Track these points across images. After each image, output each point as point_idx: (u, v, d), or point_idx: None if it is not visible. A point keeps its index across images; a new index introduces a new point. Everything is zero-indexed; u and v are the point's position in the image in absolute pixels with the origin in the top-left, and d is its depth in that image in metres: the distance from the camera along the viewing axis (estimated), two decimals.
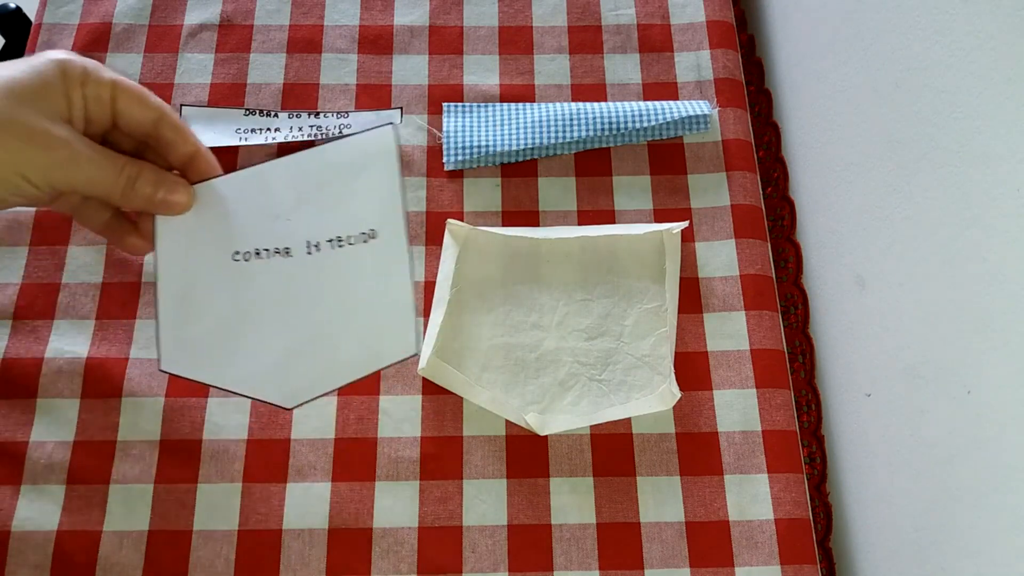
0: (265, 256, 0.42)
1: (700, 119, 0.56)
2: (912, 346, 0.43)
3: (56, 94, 0.35)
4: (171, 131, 0.38)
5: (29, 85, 0.34)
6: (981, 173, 0.37)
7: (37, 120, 0.34)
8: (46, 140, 0.34)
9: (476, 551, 0.46)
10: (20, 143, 0.34)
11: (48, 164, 0.35)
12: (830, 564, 0.50)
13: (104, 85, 0.36)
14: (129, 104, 0.37)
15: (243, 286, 0.42)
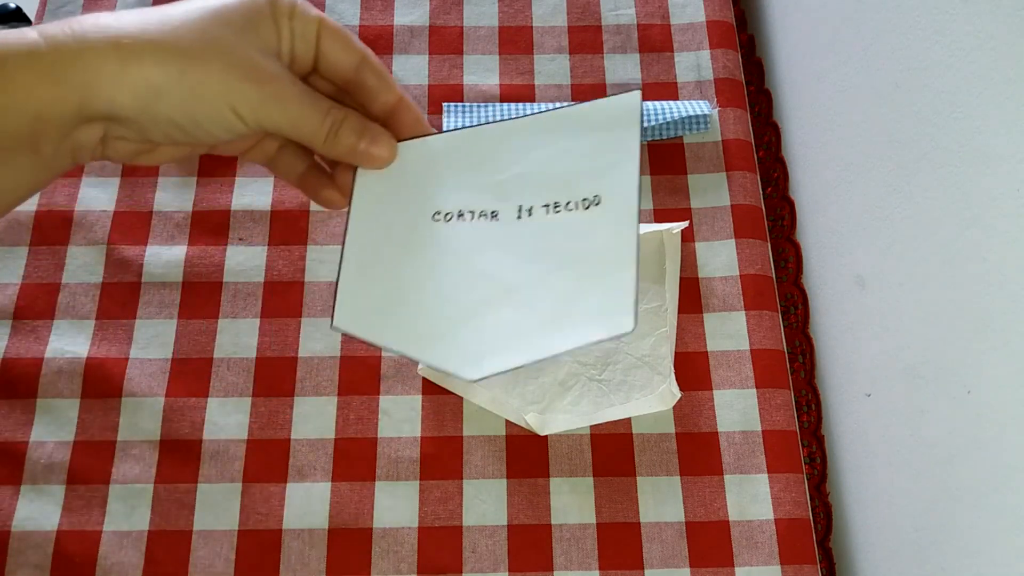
0: (469, 218, 0.39)
1: (700, 119, 0.56)
2: (912, 346, 0.43)
3: (267, 25, 0.33)
4: (374, 77, 0.35)
5: (240, 13, 0.32)
6: (981, 173, 0.37)
7: (249, 51, 0.32)
8: (258, 73, 0.32)
9: (476, 551, 0.46)
10: (233, 74, 0.31)
11: (259, 98, 0.32)
12: (830, 564, 0.50)
13: (311, 22, 0.34)
14: (333, 44, 0.34)
15: (440, 247, 0.39)
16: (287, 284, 0.52)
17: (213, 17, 0.32)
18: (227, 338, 0.51)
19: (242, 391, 0.49)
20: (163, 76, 0.30)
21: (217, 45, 0.31)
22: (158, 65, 0.30)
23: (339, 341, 0.50)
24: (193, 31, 0.31)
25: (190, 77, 0.31)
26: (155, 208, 0.54)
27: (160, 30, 0.31)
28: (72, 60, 0.29)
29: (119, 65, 0.30)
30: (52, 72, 0.29)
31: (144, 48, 0.30)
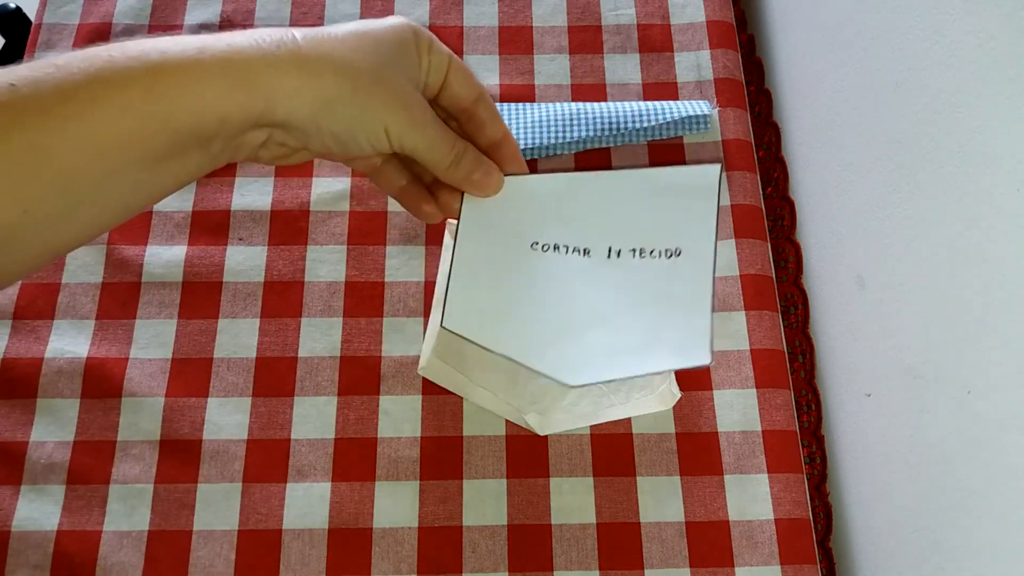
0: (564, 251, 0.45)
1: (700, 119, 0.56)
2: (912, 346, 0.43)
3: (412, 56, 0.36)
4: (487, 112, 0.39)
5: (393, 41, 0.35)
6: (981, 173, 0.37)
7: (403, 78, 0.35)
8: (410, 100, 0.36)
9: (476, 551, 0.46)
10: (393, 97, 0.35)
11: (407, 123, 0.36)
12: (830, 564, 0.50)
13: (443, 56, 0.37)
14: (458, 79, 0.38)
15: (538, 271, 0.45)
16: (287, 284, 0.52)
17: (374, 42, 0.35)
18: (227, 338, 0.51)
19: (242, 391, 0.49)
20: (337, 92, 0.34)
21: (381, 70, 0.34)
22: (335, 82, 0.33)
23: (339, 341, 0.51)
24: (362, 53, 0.34)
25: (360, 97, 0.34)
26: (155, 208, 0.54)
27: (335, 48, 0.34)
28: (260, 70, 0.32)
29: (300, 79, 0.33)
30: (243, 80, 0.32)
31: (324, 66, 0.33)
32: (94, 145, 0.30)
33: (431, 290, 0.52)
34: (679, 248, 0.46)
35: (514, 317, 0.44)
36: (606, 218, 0.46)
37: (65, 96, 0.29)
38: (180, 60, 0.31)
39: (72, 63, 0.30)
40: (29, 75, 0.29)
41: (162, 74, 0.31)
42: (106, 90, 0.30)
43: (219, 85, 0.31)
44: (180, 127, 0.32)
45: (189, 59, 0.31)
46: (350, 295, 0.52)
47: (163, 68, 0.31)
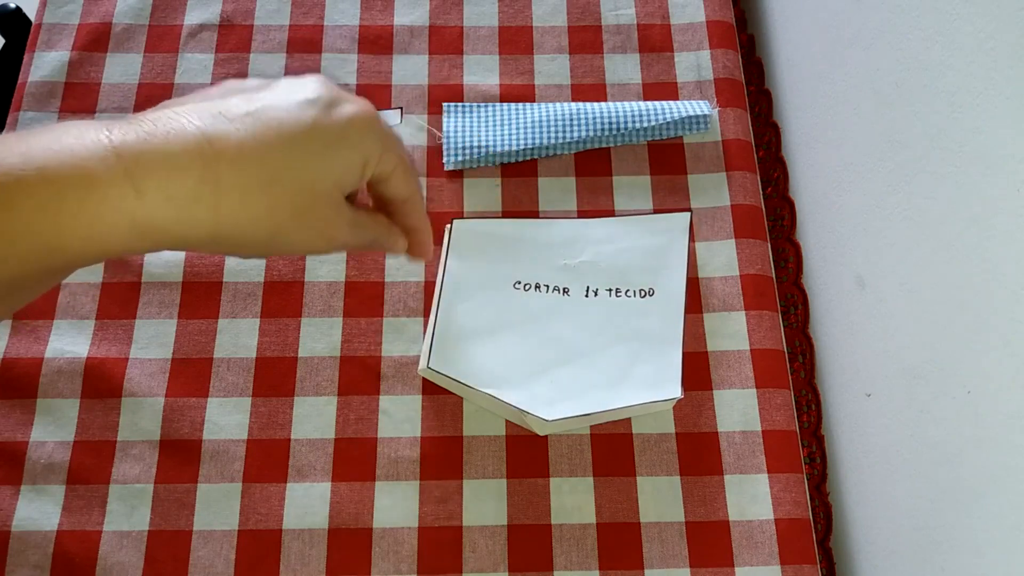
0: (544, 290, 0.50)
1: (700, 119, 0.56)
2: (912, 346, 0.43)
3: (353, 178, 0.34)
4: (412, 208, 0.38)
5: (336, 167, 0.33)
6: (981, 173, 0.37)
7: (330, 214, 0.34)
8: (332, 235, 0.34)
9: (476, 551, 0.46)
10: (311, 238, 0.33)
11: (324, 249, 0.35)
12: (830, 564, 0.50)
13: (391, 163, 0.35)
14: (398, 182, 0.37)
15: (520, 310, 0.49)
16: (287, 284, 0.52)
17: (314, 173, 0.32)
18: (227, 338, 0.51)
19: (242, 391, 0.49)
20: (253, 240, 0.32)
21: (306, 212, 0.32)
22: (251, 232, 0.31)
23: (339, 341, 0.50)
24: (290, 192, 0.32)
25: (277, 242, 0.32)
26: None
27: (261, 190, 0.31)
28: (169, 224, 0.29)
29: (215, 231, 0.30)
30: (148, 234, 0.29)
31: (243, 215, 0.30)
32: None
33: (431, 290, 0.52)
34: (652, 288, 0.50)
35: (495, 354, 0.48)
36: (584, 260, 0.51)
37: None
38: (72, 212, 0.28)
39: None
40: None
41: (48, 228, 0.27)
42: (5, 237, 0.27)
43: (120, 239, 0.29)
44: (80, 263, 0.30)
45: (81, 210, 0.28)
46: (350, 295, 0.52)
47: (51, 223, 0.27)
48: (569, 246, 0.51)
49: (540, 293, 0.50)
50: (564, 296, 0.50)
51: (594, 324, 0.49)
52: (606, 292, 0.50)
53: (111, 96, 0.58)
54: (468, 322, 0.49)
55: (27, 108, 0.57)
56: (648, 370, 0.48)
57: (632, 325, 0.49)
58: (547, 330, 0.49)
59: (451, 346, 0.48)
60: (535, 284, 0.50)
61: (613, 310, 0.50)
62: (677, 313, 0.49)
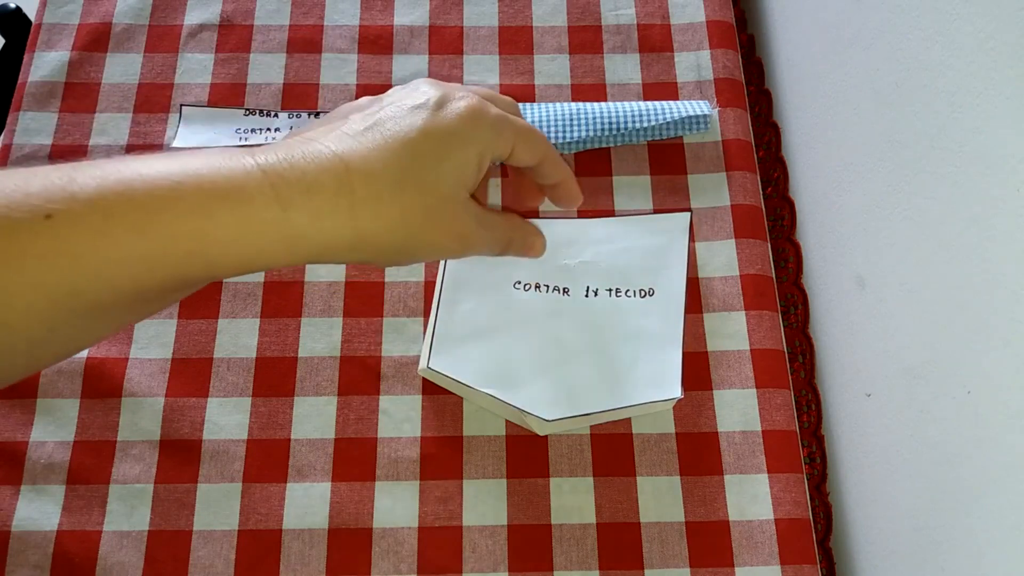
0: (544, 291, 0.50)
1: (700, 119, 0.56)
2: (912, 346, 0.43)
3: (472, 171, 0.36)
4: (550, 166, 0.40)
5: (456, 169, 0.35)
6: (981, 173, 0.37)
7: (459, 214, 0.35)
8: (465, 236, 0.36)
9: (476, 551, 0.46)
10: (443, 240, 0.35)
11: (460, 252, 0.37)
12: (830, 564, 0.50)
13: (508, 143, 0.37)
14: (524, 151, 0.38)
15: (519, 310, 0.49)
16: (287, 284, 0.52)
17: (435, 176, 0.34)
18: (227, 338, 0.51)
19: (242, 391, 0.49)
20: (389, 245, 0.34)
21: (436, 213, 0.34)
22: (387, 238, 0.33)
23: (339, 341, 0.50)
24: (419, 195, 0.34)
25: (411, 245, 0.35)
26: None
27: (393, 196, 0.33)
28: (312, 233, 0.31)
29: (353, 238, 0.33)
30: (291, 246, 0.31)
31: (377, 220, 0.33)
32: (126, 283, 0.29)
33: (431, 290, 0.52)
34: (652, 288, 0.50)
35: (495, 355, 0.48)
36: (586, 260, 0.51)
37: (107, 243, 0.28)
38: (228, 219, 0.30)
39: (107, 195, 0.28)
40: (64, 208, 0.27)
41: (209, 233, 0.30)
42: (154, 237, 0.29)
43: (270, 250, 0.31)
44: (224, 271, 0.31)
45: (237, 217, 0.30)
46: (350, 295, 0.52)
47: (210, 229, 0.30)
48: (569, 246, 0.51)
49: (540, 293, 0.50)
50: (564, 296, 0.50)
51: (594, 324, 0.49)
52: (606, 292, 0.50)
53: (111, 96, 0.58)
54: (468, 322, 0.49)
55: (27, 108, 0.57)
56: (648, 370, 0.48)
57: (632, 325, 0.49)
58: (547, 330, 0.49)
59: (451, 346, 0.48)
60: (535, 284, 0.50)
61: (613, 310, 0.50)
62: (677, 313, 0.49)
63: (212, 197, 0.29)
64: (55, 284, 0.28)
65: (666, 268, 0.51)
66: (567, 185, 0.42)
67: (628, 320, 0.49)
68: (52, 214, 0.27)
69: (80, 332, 0.31)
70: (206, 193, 0.29)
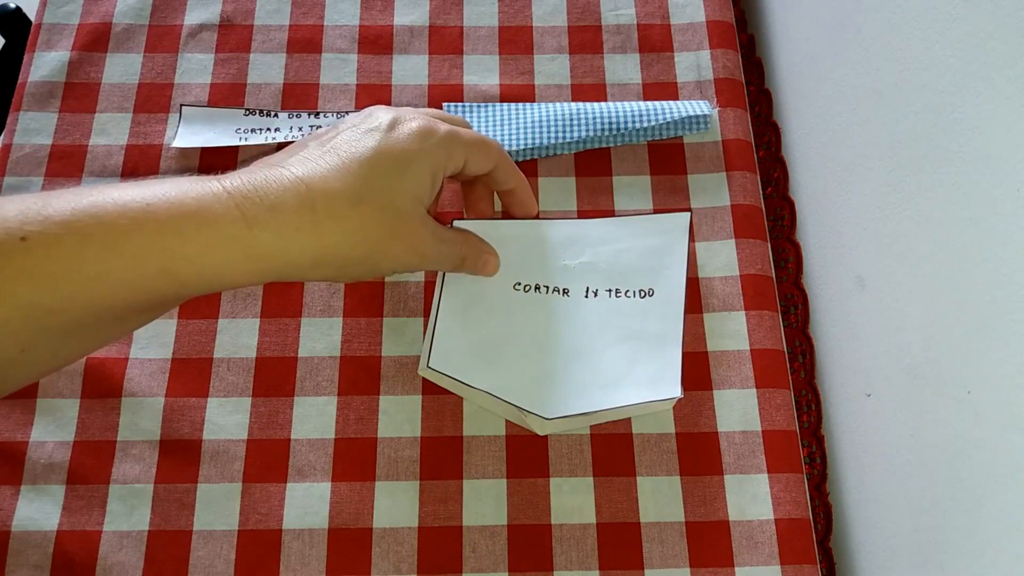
0: (544, 292, 0.50)
1: (700, 119, 0.56)
2: (912, 346, 0.43)
3: (427, 188, 0.38)
4: (502, 172, 0.44)
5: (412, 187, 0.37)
6: (981, 173, 0.37)
7: (417, 227, 0.38)
8: (421, 248, 0.39)
9: (476, 551, 0.46)
10: (403, 252, 0.38)
11: (418, 265, 0.40)
12: (830, 564, 0.50)
13: (460, 158, 0.40)
14: (475, 162, 0.41)
15: (519, 311, 0.49)
16: (287, 284, 0.52)
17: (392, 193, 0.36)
18: (227, 338, 0.51)
19: (242, 391, 0.49)
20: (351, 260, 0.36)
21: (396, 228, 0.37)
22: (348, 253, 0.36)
23: (339, 341, 0.51)
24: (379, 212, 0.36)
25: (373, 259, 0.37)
26: None
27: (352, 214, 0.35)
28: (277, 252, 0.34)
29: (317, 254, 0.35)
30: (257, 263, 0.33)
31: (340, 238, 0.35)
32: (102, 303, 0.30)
33: (431, 290, 0.52)
34: (652, 289, 0.50)
35: (496, 354, 0.48)
36: (584, 261, 0.50)
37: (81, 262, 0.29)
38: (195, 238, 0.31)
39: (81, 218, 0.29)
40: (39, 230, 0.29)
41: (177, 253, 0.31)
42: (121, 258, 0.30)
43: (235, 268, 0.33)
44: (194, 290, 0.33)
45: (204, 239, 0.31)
46: (350, 295, 0.52)
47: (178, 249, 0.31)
48: (569, 247, 0.51)
49: (540, 294, 0.49)
50: (564, 297, 0.50)
51: (594, 325, 0.49)
52: (606, 293, 0.50)
53: (111, 96, 0.58)
54: (468, 323, 0.48)
55: (27, 108, 0.57)
56: (648, 370, 0.48)
57: (632, 326, 0.49)
58: (547, 331, 0.49)
59: (451, 346, 0.48)
60: (535, 285, 0.49)
61: (613, 311, 0.49)
62: (677, 313, 0.49)
63: (181, 217, 0.31)
64: (30, 303, 0.28)
65: (666, 268, 0.50)
66: (521, 192, 0.45)
67: (628, 320, 0.49)
68: (27, 236, 0.28)
69: (52, 353, 0.32)
70: (175, 213, 0.31)
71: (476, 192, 0.47)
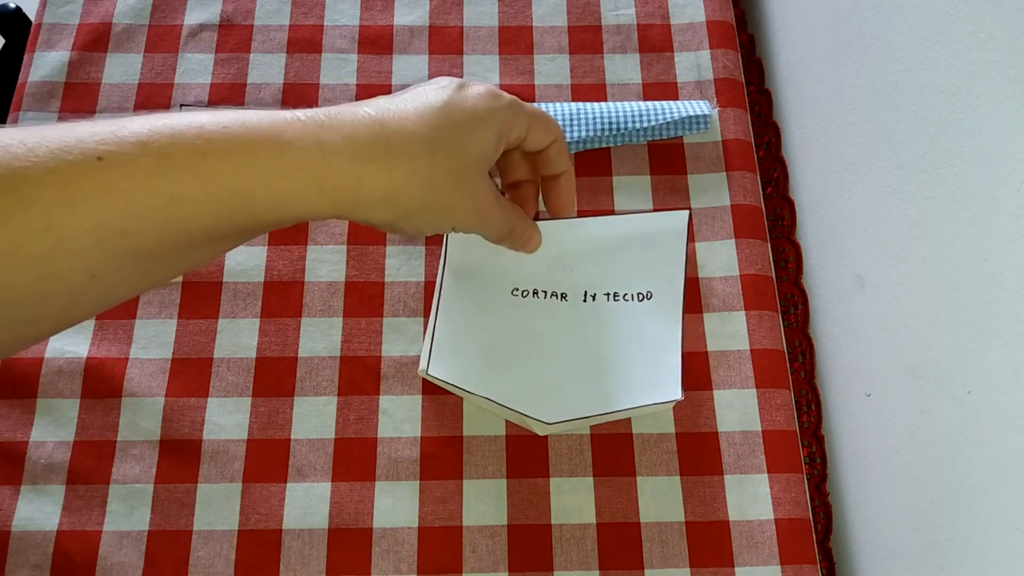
0: (542, 296, 0.49)
1: (700, 119, 0.56)
2: (912, 346, 0.43)
3: (492, 147, 0.38)
4: (556, 152, 0.43)
5: (478, 142, 0.37)
6: (981, 173, 0.37)
7: (479, 183, 0.38)
8: (483, 200, 0.38)
9: (476, 551, 0.46)
10: (466, 203, 0.38)
11: (473, 223, 0.39)
12: (830, 564, 0.50)
13: (523, 126, 0.40)
14: (537, 134, 0.41)
15: (518, 316, 0.49)
16: (287, 284, 0.52)
17: (461, 145, 0.36)
18: (227, 338, 0.51)
19: (242, 391, 0.49)
20: (417, 205, 0.36)
21: (462, 178, 0.37)
22: (417, 195, 0.35)
23: (339, 341, 0.50)
24: (447, 160, 0.36)
25: (437, 209, 0.36)
26: None
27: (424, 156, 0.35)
28: (349, 183, 0.33)
29: (387, 191, 0.34)
30: (329, 192, 0.33)
31: (410, 177, 0.35)
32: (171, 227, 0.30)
33: (431, 290, 0.52)
34: (650, 291, 0.49)
35: (495, 360, 0.48)
36: (581, 264, 0.50)
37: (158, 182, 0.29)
38: (271, 160, 0.31)
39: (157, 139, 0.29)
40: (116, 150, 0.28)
41: (253, 173, 0.31)
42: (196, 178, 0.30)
43: (308, 196, 0.32)
44: (262, 222, 0.33)
45: (281, 161, 0.31)
46: (350, 295, 0.52)
47: (254, 170, 0.31)
48: (566, 249, 0.50)
49: (538, 299, 0.49)
50: (562, 302, 0.49)
51: (592, 330, 0.49)
52: (604, 297, 0.49)
53: (111, 96, 0.58)
54: (467, 330, 0.48)
55: (27, 108, 0.57)
56: (647, 373, 0.47)
57: (631, 330, 0.49)
58: (546, 337, 0.48)
59: (450, 353, 0.47)
60: (532, 290, 0.49)
61: (611, 315, 0.49)
62: (675, 316, 0.49)
63: (257, 139, 0.31)
64: (104, 223, 0.28)
65: (664, 268, 0.50)
66: (567, 181, 0.44)
67: (626, 324, 0.49)
68: (104, 156, 0.28)
69: (122, 280, 0.31)
70: (252, 136, 0.31)
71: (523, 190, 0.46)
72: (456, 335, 0.48)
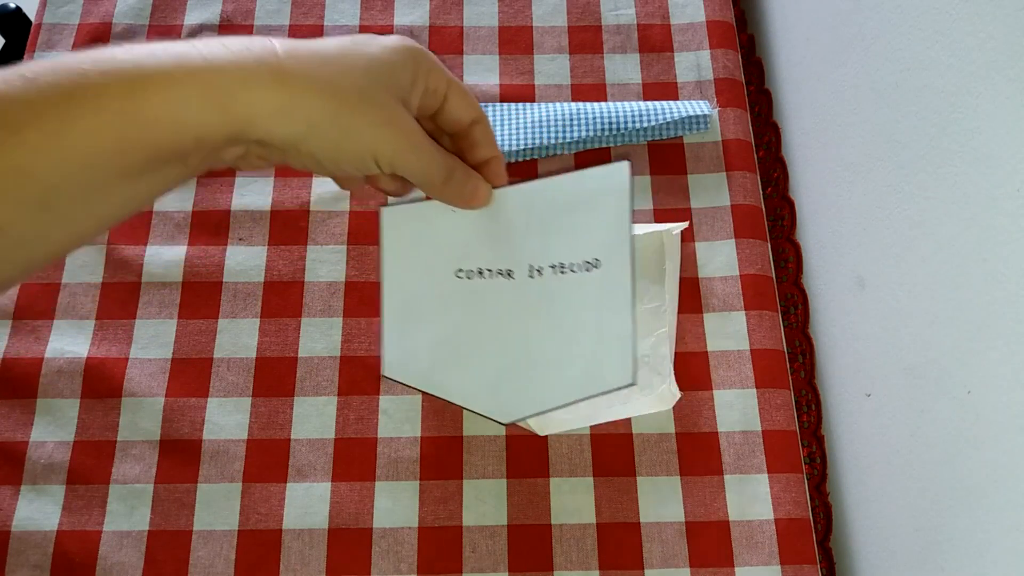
0: (488, 276, 0.44)
1: (700, 119, 0.56)
2: (912, 346, 0.43)
3: (405, 79, 0.35)
4: (481, 133, 0.40)
5: (385, 64, 0.34)
6: (981, 173, 0.37)
7: (394, 103, 0.35)
8: (400, 121, 0.35)
9: (476, 551, 0.46)
10: (379, 119, 0.34)
11: (397, 149, 0.35)
12: (830, 564, 0.50)
13: (442, 80, 0.37)
14: (457, 102, 0.38)
15: (465, 302, 0.44)
16: (287, 284, 0.52)
17: (365, 62, 0.34)
18: (227, 338, 0.51)
19: (242, 391, 0.49)
20: (320, 116, 0.33)
21: (368, 90, 0.34)
22: (317, 103, 0.32)
23: (339, 341, 0.51)
24: (349, 73, 0.33)
25: (343, 120, 0.33)
26: (155, 208, 0.54)
27: (319, 67, 0.33)
28: (237, 90, 0.31)
29: (279, 100, 0.32)
30: (219, 99, 0.31)
31: (305, 86, 0.32)
32: (71, 162, 0.29)
33: None
34: (598, 259, 0.44)
35: (446, 355, 0.44)
36: (523, 234, 0.45)
37: (38, 114, 0.28)
38: (155, 75, 0.30)
39: (41, 77, 0.29)
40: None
41: (137, 90, 0.30)
42: (81, 108, 0.29)
43: (195, 105, 0.31)
44: (157, 144, 0.31)
45: (164, 74, 0.30)
46: (350, 295, 0.52)
47: (137, 84, 0.30)
48: (504, 219, 0.45)
49: (484, 279, 0.45)
50: (508, 280, 0.44)
51: (543, 312, 0.44)
52: (550, 270, 0.44)
53: None
54: (414, 322, 0.45)
55: None
56: (593, 356, 0.44)
57: (579, 307, 0.44)
58: (496, 325, 0.45)
59: (400, 350, 0.44)
60: (477, 270, 0.45)
61: (559, 292, 0.44)
62: (623, 284, 0.43)
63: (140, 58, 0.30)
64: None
65: (609, 233, 0.44)
66: (498, 163, 0.41)
67: (577, 300, 0.44)
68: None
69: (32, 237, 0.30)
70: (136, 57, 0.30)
71: None
72: (404, 329, 0.44)
